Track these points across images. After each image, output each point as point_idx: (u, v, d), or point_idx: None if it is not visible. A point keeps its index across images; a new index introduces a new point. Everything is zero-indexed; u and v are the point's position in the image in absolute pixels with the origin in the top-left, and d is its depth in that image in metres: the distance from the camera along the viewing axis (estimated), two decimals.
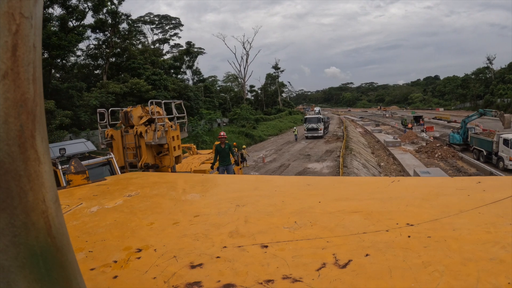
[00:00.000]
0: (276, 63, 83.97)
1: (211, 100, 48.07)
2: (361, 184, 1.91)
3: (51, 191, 0.46)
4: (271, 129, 51.06)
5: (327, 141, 36.82)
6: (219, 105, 54.07)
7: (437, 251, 0.91)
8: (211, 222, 1.32)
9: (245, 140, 38.08)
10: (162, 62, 44.49)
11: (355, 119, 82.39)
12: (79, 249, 1.14)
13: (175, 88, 36.47)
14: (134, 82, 29.66)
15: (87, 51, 35.38)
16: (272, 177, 2.33)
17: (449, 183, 1.66)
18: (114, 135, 8.66)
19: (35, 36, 0.43)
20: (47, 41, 22.75)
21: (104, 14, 32.13)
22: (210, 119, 38.83)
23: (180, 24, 61.10)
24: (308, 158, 26.61)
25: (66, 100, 24.80)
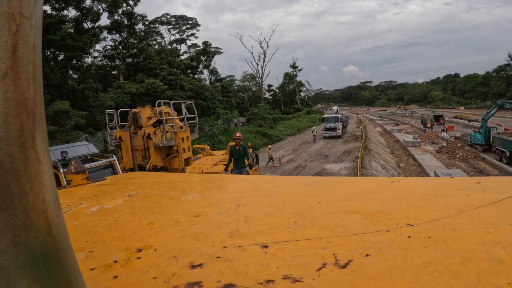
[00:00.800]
0: (293, 62, 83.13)
1: (228, 99, 47.79)
2: (361, 184, 1.91)
3: (51, 191, 0.46)
4: (288, 129, 50.39)
5: (346, 141, 35.90)
6: (237, 105, 53.70)
7: (437, 251, 0.91)
8: (211, 222, 1.32)
9: (262, 140, 37.93)
10: (179, 62, 44.52)
11: (374, 118, 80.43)
12: (79, 249, 1.14)
13: (192, 88, 36.29)
14: (150, 82, 29.62)
15: (104, 52, 35.63)
16: (272, 177, 2.33)
17: (449, 183, 1.66)
18: (122, 136, 8.45)
19: (35, 36, 0.43)
20: (61, 42, 22.86)
21: (120, 15, 32.27)
22: (227, 118, 38.50)
23: (196, 24, 61.24)
24: (325, 158, 26.01)
25: (82, 101, 24.92)
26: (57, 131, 20.06)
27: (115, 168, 7.76)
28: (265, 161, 26.18)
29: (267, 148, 35.93)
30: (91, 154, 8.12)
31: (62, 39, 22.79)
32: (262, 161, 26.13)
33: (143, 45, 36.41)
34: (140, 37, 35.64)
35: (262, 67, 69.41)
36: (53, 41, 22.89)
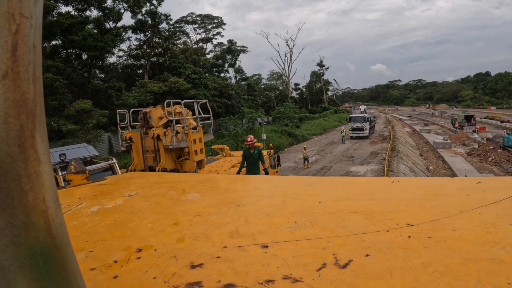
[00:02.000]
0: (320, 60, 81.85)
1: (254, 98, 47.34)
2: (361, 184, 1.91)
3: (51, 191, 0.46)
4: (315, 128, 49.54)
5: (373, 141, 34.85)
6: (263, 104, 53.03)
7: (437, 251, 0.91)
8: (211, 222, 1.32)
9: (287, 140, 37.37)
10: (204, 61, 44.27)
11: (403, 118, 78.14)
12: (79, 249, 1.14)
13: (216, 86, 35.79)
14: (173, 81, 29.45)
15: (129, 51, 35.77)
16: (272, 177, 2.33)
17: (449, 184, 1.66)
18: (133, 137, 8.13)
19: (35, 36, 0.43)
20: (83, 42, 22.98)
21: (144, 15, 32.33)
22: (251, 117, 37.79)
23: (222, 23, 61.07)
24: (351, 160, 24.98)
25: (105, 100, 24.97)
26: (79, 129, 20.14)
27: (115, 171, 7.67)
28: (289, 162, 25.48)
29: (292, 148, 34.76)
30: (90, 156, 8.04)
31: (84, 39, 22.94)
32: (287, 162, 25.49)
33: (168, 44, 36.35)
34: (164, 36, 35.58)
35: (289, 65, 68.87)
36: (75, 41, 23.10)
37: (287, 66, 69.48)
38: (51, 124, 19.75)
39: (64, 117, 20.43)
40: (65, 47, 24.73)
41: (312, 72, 79.58)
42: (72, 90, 22.84)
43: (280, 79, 70.64)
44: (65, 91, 21.04)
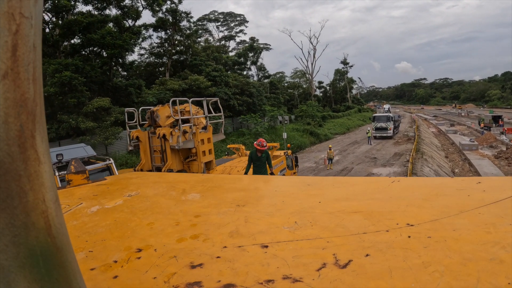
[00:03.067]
0: (344, 57, 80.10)
1: (276, 96, 46.14)
2: (361, 184, 1.91)
3: (51, 191, 0.46)
4: (338, 127, 48.11)
5: (397, 142, 33.57)
6: (286, 102, 52.20)
7: (437, 251, 0.91)
8: (211, 222, 1.32)
9: (309, 139, 36.34)
10: (225, 58, 43.96)
11: (428, 117, 75.09)
12: (79, 249, 1.14)
13: (237, 84, 34.98)
14: (194, 79, 29.24)
15: (150, 49, 35.79)
16: (272, 177, 2.33)
17: (449, 184, 1.66)
18: (140, 136, 7.88)
19: (35, 36, 0.43)
20: (101, 41, 23.10)
21: (164, 13, 32.35)
22: (272, 116, 36.75)
23: (245, 21, 60.79)
24: (374, 161, 23.95)
25: (125, 97, 25.05)
26: (97, 127, 20.22)
27: (112, 171, 7.58)
28: (309, 162, 24.77)
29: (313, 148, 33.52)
30: (88, 156, 7.98)
31: (102, 38, 23.05)
32: (307, 162, 24.70)
33: (189, 42, 36.23)
34: (185, 34, 35.55)
35: (312, 63, 68.42)
36: (94, 39, 23.24)
37: (311, 64, 68.53)
38: (70, 122, 19.86)
39: (83, 115, 20.51)
40: (84, 45, 24.85)
41: (336, 70, 77.89)
42: (92, 88, 22.99)
43: (304, 77, 69.65)
44: (84, 88, 21.11)
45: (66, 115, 20.31)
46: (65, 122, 20.09)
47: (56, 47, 23.96)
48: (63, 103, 20.69)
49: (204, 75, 31.46)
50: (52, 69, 20.43)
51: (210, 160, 8.04)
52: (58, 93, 20.36)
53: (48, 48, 23.78)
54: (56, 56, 23.35)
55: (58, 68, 20.51)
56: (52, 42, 23.62)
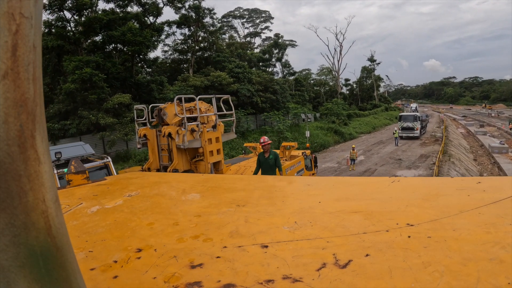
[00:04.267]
0: (371, 55, 77.59)
1: (301, 93, 45.35)
2: (361, 184, 1.91)
3: (51, 191, 0.46)
4: (363, 126, 46.86)
5: (424, 143, 32.11)
6: (312, 99, 51.40)
7: (437, 251, 0.91)
8: (211, 222, 1.32)
9: (333, 138, 35.45)
10: (250, 55, 43.65)
11: (457, 117, 71.21)
12: (79, 249, 1.14)
13: (261, 81, 34.41)
14: (216, 75, 29.01)
15: (174, 46, 35.89)
16: (272, 177, 2.33)
17: (449, 184, 1.66)
18: (148, 134, 7.60)
19: (35, 36, 0.43)
20: (122, 37, 23.28)
21: (187, 9, 32.42)
22: (296, 113, 35.73)
23: (270, 17, 60.32)
24: (398, 163, 22.98)
25: (147, 94, 25.14)
26: (116, 123, 20.36)
27: (110, 169, 7.58)
28: (331, 161, 24.13)
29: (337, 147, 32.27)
30: (86, 154, 8.01)
31: (123, 34, 23.21)
32: (329, 162, 24.00)
33: (213, 38, 36.06)
34: (209, 30, 35.47)
35: (338, 60, 67.53)
36: (115, 36, 23.42)
37: (337, 61, 67.34)
38: (90, 117, 20.00)
39: (104, 111, 20.66)
40: (105, 42, 25.00)
41: (362, 67, 75.59)
42: (114, 84, 23.18)
43: (330, 74, 68.01)
44: (104, 85, 21.24)
45: (86, 111, 20.48)
46: (86, 118, 20.26)
47: (78, 44, 24.13)
48: (84, 99, 20.86)
49: (227, 71, 31.12)
50: (73, 66, 20.60)
51: (218, 160, 7.72)
52: (79, 89, 20.52)
53: (70, 46, 23.96)
54: (78, 54, 23.47)
55: (79, 65, 20.68)
56: (74, 39, 23.78)
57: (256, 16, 59.76)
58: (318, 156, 26.78)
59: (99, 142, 21.90)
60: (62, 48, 23.74)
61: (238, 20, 58.73)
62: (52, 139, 20.59)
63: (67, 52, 23.47)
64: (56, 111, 21.59)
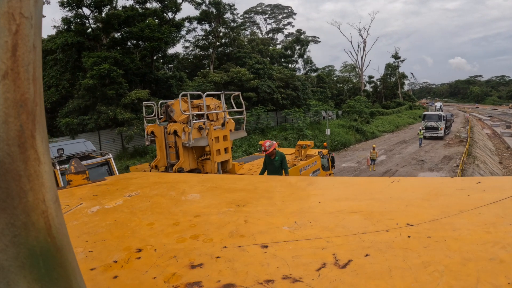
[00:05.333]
0: (395, 51, 74.31)
1: (323, 90, 44.28)
2: (361, 184, 1.91)
3: (51, 191, 0.46)
4: (386, 125, 45.24)
5: (448, 143, 30.82)
6: (335, 96, 50.45)
7: (437, 251, 0.91)
8: (211, 222, 1.32)
9: (354, 136, 34.47)
10: (271, 51, 43.30)
11: (483, 118, 68.76)
12: (79, 249, 1.14)
13: (282, 77, 33.62)
14: (236, 71, 28.58)
15: (195, 42, 35.83)
16: (272, 177, 2.33)
17: (449, 183, 1.66)
18: (155, 131, 7.44)
19: (35, 36, 0.43)
20: (140, 33, 23.37)
21: (207, 5, 32.35)
22: (317, 111, 34.65)
23: (292, 13, 59.71)
24: (420, 164, 22.08)
25: (166, 90, 25.20)
26: (134, 118, 20.49)
27: (111, 166, 7.58)
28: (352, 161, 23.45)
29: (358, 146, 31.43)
30: (88, 151, 8.08)
31: (141, 30, 23.28)
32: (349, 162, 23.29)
33: (234, 34, 35.76)
34: (230, 26, 35.21)
35: (362, 56, 65.29)
36: (133, 32, 23.56)
37: (360, 58, 65.39)
38: (108, 113, 20.16)
39: (122, 106, 20.78)
40: (123, 39, 25.12)
41: (386, 64, 72.81)
42: (133, 80, 23.29)
43: (353, 71, 66.67)
44: (123, 80, 21.39)
45: (105, 106, 20.63)
46: (104, 113, 20.40)
47: (97, 41, 24.24)
48: (103, 95, 21.00)
49: (247, 67, 30.79)
50: (91, 62, 20.77)
51: (226, 159, 7.43)
52: (97, 85, 20.67)
53: (90, 42, 24.07)
54: (97, 50, 23.59)
55: (97, 60, 20.83)
56: (93, 36, 23.91)
57: (278, 12, 59.19)
58: (338, 155, 26.39)
59: (117, 137, 22.07)
60: (82, 44, 23.87)
61: (260, 16, 58.42)
62: (71, 134, 20.78)
63: (87, 49, 23.60)
64: (76, 106, 21.79)
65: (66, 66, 24.47)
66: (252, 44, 39.82)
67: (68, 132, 20.89)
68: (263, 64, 32.87)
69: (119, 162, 19.68)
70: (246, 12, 55.86)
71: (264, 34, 56.35)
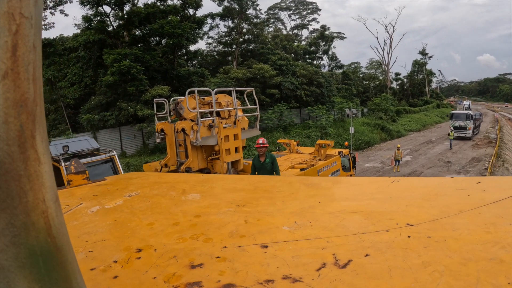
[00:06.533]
0: (423, 48, 71.97)
1: (348, 87, 43.80)
2: (361, 184, 1.91)
3: (51, 191, 0.46)
4: (413, 124, 44.06)
5: (476, 144, 29.71)
6: (361, 94, 50.00)
7: (437, 251, 0.91)
8: (211, 222, 1.32)
9: (379, 135, 33.74)
10: (295, 47, 42.96)
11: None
12: (79, 249, 1.14)
13: (305, 74, 33.09)
14: (258, 68, 28.46)
15: (218, 38, 35.82)
16: (272, 177, 2.33)
17: (449, 183, 1.66)
18: (165, 129, 7.22)
19: (35, 36, 0.43)
20: (160, 30, 23.47)
21: (230, 1, 32.33)
22: (341, 108, 34.12)
23: (317, 9, 59.14)
24: (447, 166, 21.28)
25: (187, 86, 25.55)
26: (154, 114, 20.57)
27: (115, 163, 7.64)
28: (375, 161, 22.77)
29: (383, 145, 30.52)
30: (92, 149, 8.16)
31: (161, 27, 23.38)
32: (373, 162, 22.63)
33: (258, 30, 35.61)
34: (253, 22, 35.12)
35: (388, 53, 63.23)
36: (153, 29, 23.69)
37: (387, 54, 63.37)
38: (128, 109, 20.35)
39: (142, 102, 20.94)
40: (144, 35, 25.28)
41: (414, 61, 70.34)
42: (155, 76, 23.45)
43: (380, 68, 65.28)
44: (143, 77, 21.57)
45: (125, 103, 20.85)
46: (124, 110, 20.61)
47: (118, 38, 24.46)
48: (125, 91, 21.25)
49: (270, 64, 30.41)
50: (112, 59, 20.98)
51: (236, 159, 7.03)
52: (118, 81, 20.90)
53: (111, 39, 24.30)
54: (118, 47, 23.83)
55: (117, 57, 21.05)
56: (114, 33, 24.13)
57: (303, 8, 58.62)
58: (362, 154, 25.78)
59: (138, 133, 22.25)
60: (104, 42, 24.06)
61: (285, 12, 57.85)
62: (92, 130, 21.01)
63: (109, 46, 23.80)
64: (97, 102, 22.01)
65: (88, 64, 24.75)
66: (276, 40, 39.50)
67: (90, 128, 21.13)
68: (286, 60, 32.32)
69: (139, 158, 19.81)
70: (270, 8, 55.52)
71: (289, 30, 55.85)
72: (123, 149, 22.48)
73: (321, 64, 49.10)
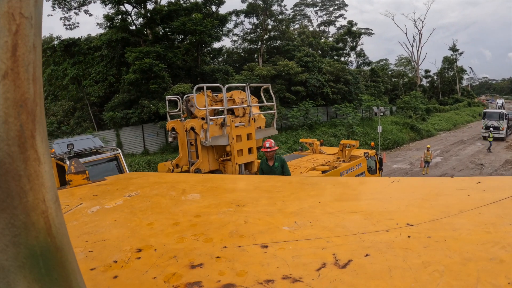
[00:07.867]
0: (453, 43, 68.20)
1: (376, 85, 42.08)
2: (361, 184, 1.91)
3: (51, 191, 0.46)
4: (443, 123, 41.67)
5: (510, 145, 27.67)
6: (390, 91, 48.49)
7: (437, 251, 0.91)
8: (211, 222, 1.32)
9: (408, 134, 32.24)
10: (322, 44, 42.53)
11: None
12: (79, 249, 1.14)
13: (332, 71, 32.13)
14: (283, 64, 27.78)
15: (243, 35, 35.56)
16: (272, 177, 2.33)
17: (449, 183, 1.66)
18: (176, 128, 6.86)
19: (35, 36, 0.43)
20: (182, 27, 23.41)
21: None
22: (369, 106, 32.89)
23: (344, 5, 57.72)
24: (479, 169, 20.05)
25: (211, 83, 25.49)
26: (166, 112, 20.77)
27: (120, 161, 7.64)
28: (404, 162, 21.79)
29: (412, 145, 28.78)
30: (96, 147, 8.20)
31: (183, 24, 23.31)
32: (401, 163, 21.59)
33: (283, 27, 35.13)
34: (278, 19, 34.75)
35: (418, 49, 60.45)
36: (175, 26, 23.62)
37: (416, 50, 60.57)
38: (150, 107, 20.39)
39: (165, 100, 21.13)
40: (166, 33, 25.20)
41: (444, 57, 66.84)
42: (178, 74, 23.50)
43: (409, 65, 62.06)
44: (165, 75, 21.57)
45: (147, 100, 20.88)
46: (146, 107, 20.64)
47: (140, 36, 24.48)
48: (147, 89, 21.27)
49: (296, 60, 29.80)
50: (133, 56, 21.02)
51: (250, 161, 6.53)
52: (140, 79, 20.93)
53: (134, 38, 24.33)
54: (140, 45, 23.84)
55: (139, 55, 21.05)
56: (136, 31, 24.18)
57: (329, 4, 57.27)
58: (390, 154, 24.69)
59: (160, 130, 22.17)
60: (127, 40, 24.11)
61: (311, 9, 56.96)
62: (115, 127, 21.07)
63: (132, 44, 23.86)
64: (121, 100, 22.07)
65: (112, 62, 24.84)
66: (302, 36, 38.88)
67: (112, 126, 21.18)
68: (312, 56, 31.50)
69: (161, 156, 19.67)
70: (296, 5, 54.47)
71: (316, 27, 55.19)
72: (145, 146, 22.44)
73: (348, 61, 47.27)
